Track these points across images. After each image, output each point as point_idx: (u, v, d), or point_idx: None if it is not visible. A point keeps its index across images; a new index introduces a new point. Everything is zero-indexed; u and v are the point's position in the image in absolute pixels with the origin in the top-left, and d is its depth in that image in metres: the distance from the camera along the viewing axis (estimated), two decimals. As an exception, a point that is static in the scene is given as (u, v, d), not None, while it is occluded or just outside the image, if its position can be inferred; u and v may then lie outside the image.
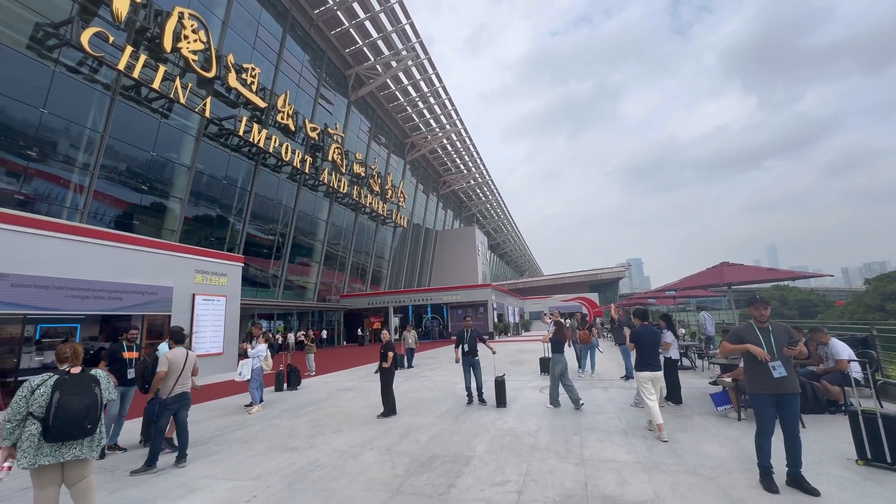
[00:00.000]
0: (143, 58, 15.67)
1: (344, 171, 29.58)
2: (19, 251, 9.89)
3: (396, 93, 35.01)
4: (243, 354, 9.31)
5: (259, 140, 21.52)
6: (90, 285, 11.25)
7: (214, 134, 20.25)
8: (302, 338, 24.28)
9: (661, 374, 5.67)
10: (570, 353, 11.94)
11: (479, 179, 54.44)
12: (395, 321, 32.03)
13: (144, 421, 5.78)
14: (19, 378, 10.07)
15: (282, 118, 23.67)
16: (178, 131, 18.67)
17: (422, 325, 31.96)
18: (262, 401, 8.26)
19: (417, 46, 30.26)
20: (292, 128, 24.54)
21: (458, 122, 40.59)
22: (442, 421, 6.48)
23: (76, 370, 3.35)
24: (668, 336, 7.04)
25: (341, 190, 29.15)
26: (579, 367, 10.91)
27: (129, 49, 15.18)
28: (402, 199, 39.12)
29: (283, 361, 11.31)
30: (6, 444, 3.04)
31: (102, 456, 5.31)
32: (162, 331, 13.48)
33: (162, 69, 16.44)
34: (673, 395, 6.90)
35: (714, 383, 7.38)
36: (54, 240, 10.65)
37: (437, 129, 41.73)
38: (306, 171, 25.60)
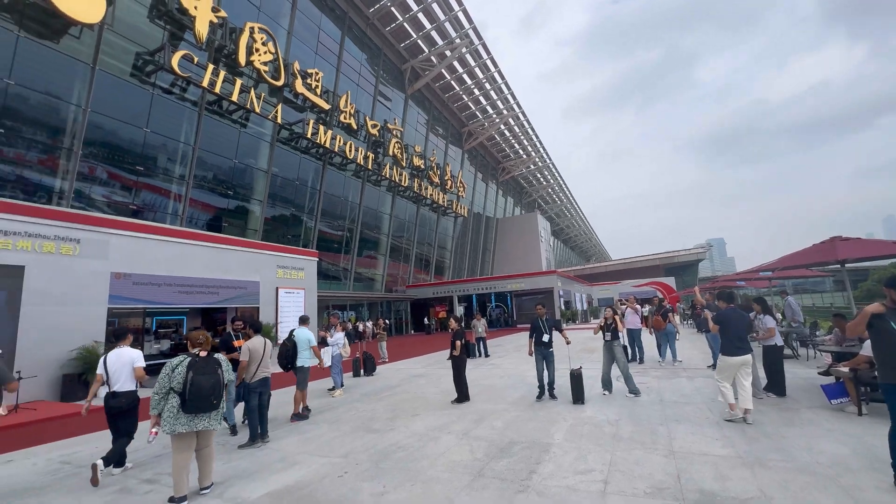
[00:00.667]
0: (222, 73, 17.15)
1: (404, 164, 30.26)
2: (137, 254, 11.41)
3: (452, 82, 34.92)
4: (323, 342, 10.00)
5: (325, 141, 22.70)
6: (192, 282, 12.69)
7: (286, 138, 21.70)
8: (372, 327, 25.57)
9: (749, 358, 5.24)
10: (649, 341, 11.29)
11: (539, 164, 52.84)
12: (459, 310, 32.44)
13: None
14: (149, 363, 11.67)
15: (344, 118, 24.71)
16: (254, 139, 20.26)
17: (486, 313, 32.01)
18: (342, 385, 8.81)
19: (471, 33, 29.85)
20: (354, 126, 25.54)
21: (514, 106, 39.59)
22: (515, 408, 6.45)
23: (204, 354, 3.92)
24: (768, 321, 6.37)
25: (402, 183, 29.89)
26: (659, 354, 10.25)
27: (210, 67, 16.69)
28: (461, 189, 39.19)
29: (358, 349, 11.95)
30: (154, 413, 3.73)
31: (234, 432, 5.92)
32: (251, 321, 14.86)
33: (238, 82, 17.88)
34: (776, 385, 6.23)
35: (825, 373, 6.54)
36: (163, 243, 12.14)
37: (494, 116, 41.04)
38: (369, 167, 26.56)
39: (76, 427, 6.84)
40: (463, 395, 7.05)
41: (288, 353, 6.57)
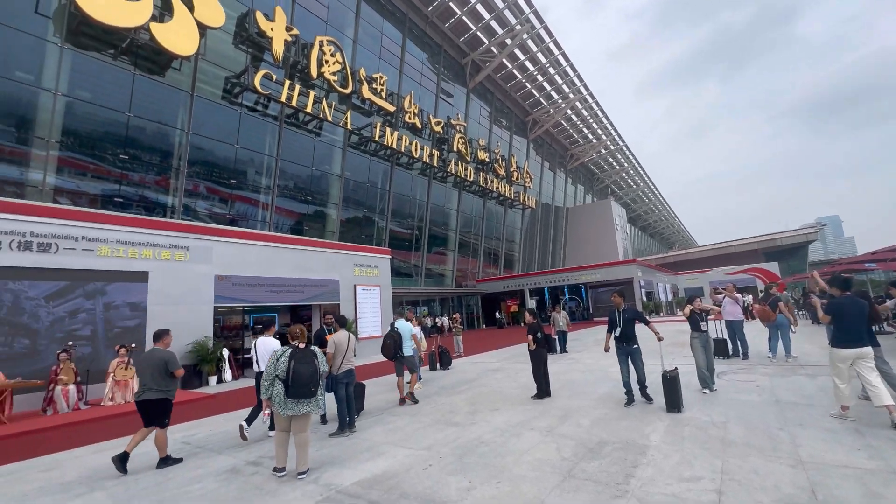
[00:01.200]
0: (297, 87, 18.40)
1: (469, 159, 30.20)
2: (234, 258, 12.66)
3: (514, 71, 34.08)
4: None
5: (392, 142, 23.40)
6: (281, 281, 13.79)
7: (355, 143, 22.74)
8: (448, 321, 25.96)
9: (866, 350, 4.58)
10: (754, 334, 9.98)
11: (611, 147, 49.69)
12: (531, 303, 31.68)
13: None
14: (245, 356, 12.97)
15: (409, 118, 25.26)
16: (328, 146, 21.50)
17: (562, 307, 30.90)
18: (420, 378, 8.98)
19: (532, 17, 28.83)
20: (419, 125, 26.01)
21: (581, 88, 37.60)
22: (602, 405, 6.05)
23: (302, 345, 4.39)
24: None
25: (468, 178, 29.87)
26: (769, 349, 9.03)
27: (287, 83, 17.99)
28: (528, 180, 38.20)
29: (434, 343, 12.13)
30: (265, 396, 4.27)
31: (324, 421, 6.28)
32: (337, 316, 15.78)
33: (312, 94, 19.05)
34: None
35: None
36: (255, 247, 13.33)
37: (560, 101, 39.34)
38: (435, 164, 26.90)
39: (192, 413, 7.76)
40: (543, 390, 6.79)
41: (395, 343, 7.10)
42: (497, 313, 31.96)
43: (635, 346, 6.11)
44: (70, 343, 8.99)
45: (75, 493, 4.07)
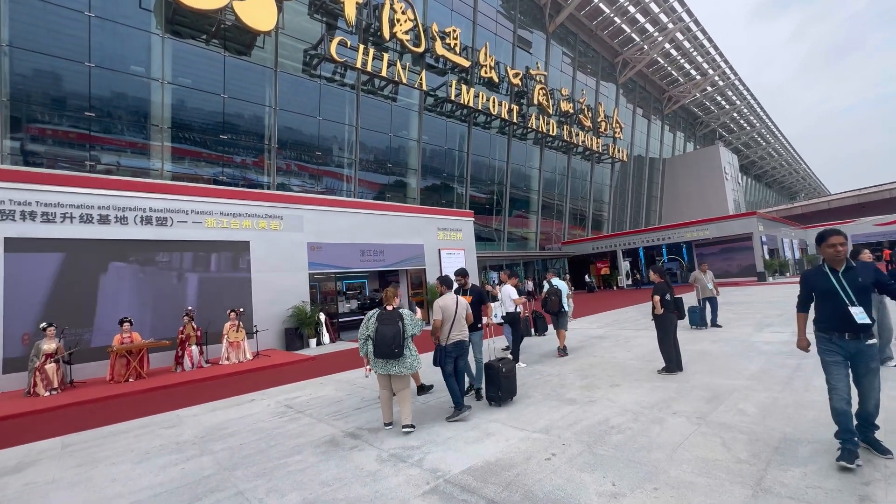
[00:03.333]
0: (371, 51, 17.89)
1: (551, 111, 27.73)
2: (323, 225, 12.88)
3: (600, 4, 30.01)
4: (493, 299, 9.58)
5: (468, 100, 22.11)
6: (369, 247, 13.85)
7: (431, 105, 21.88)
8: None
9: None
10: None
11: (720, 83, 42.44)
12: (624, 265, 29.07)
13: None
14: (340, 319, 13.41)
15: (485, 72, 23.60)
16: (404, 110, 20.96)
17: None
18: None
19: (623, -67, 24.67)
20: (496, 79, 24.24)
21: (684, 14, 32.00)
22: (762, 385, 4.75)
23: (391, 308, 4.44)
24: None
25: (550, 133, 27.54)
26: None
27: (361, 48, 17.54)
28: (617, 130, 34.32)
29: (528, 308, 11.29)
30: (362, 354, 4.59)
31: (423, 391, 5.69)
32: (418, 282, 15.71)
33: (385, 57, 18.44)
34: None
35: None
36: (342, 214, 13.45)
37: (656, 34, 34.05)
38: (514, 120, 25.11)
39: (295, 374, 7.97)
40: (673, 363, 5.63)
41: (559, 299, 7.53)
42: (586, 276, 29.93)
43: (873, 341, 3.01)
44: (189, 308, 9.82)
45: (186, 456, 4.09)
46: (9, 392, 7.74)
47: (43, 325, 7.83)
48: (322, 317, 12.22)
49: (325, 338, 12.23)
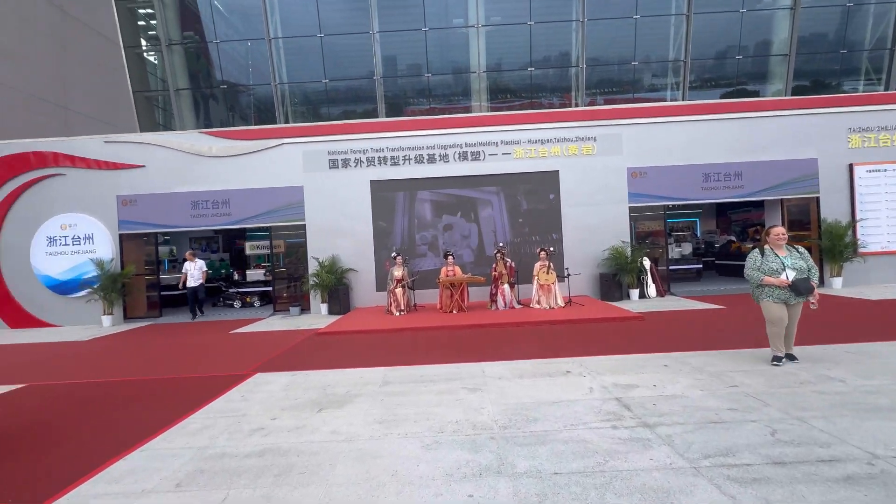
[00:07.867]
0: None
1: None
2: (647, 142, 9.77)
3: None
4: None
5: None
6: (718, 169, 9.68)
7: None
8: None
9: None
10: None
11: None
12: None
13: None
14: (670, 267, 10.19)
15: None
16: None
17: None
18: None
19: None
20: None
21: None
22: None
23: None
24: None
25: None
26: None
27: None
28: None
29: None
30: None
31: None
32: (804, 219, 10.10)
33: None
34: None
35: None
36: (674, 125, 9.82)
37: None
38: None
39: (615, 338, 5.88)
40: None
41: None
42: None
43: None
44: (501, 244, 9.40)
45: (480, 464, 2.76)
46: (378, 307, 9.52)
47: (393, 253, 9.06)
48: (647, 263, 9.49)
49: (651, 289, 9.52)
